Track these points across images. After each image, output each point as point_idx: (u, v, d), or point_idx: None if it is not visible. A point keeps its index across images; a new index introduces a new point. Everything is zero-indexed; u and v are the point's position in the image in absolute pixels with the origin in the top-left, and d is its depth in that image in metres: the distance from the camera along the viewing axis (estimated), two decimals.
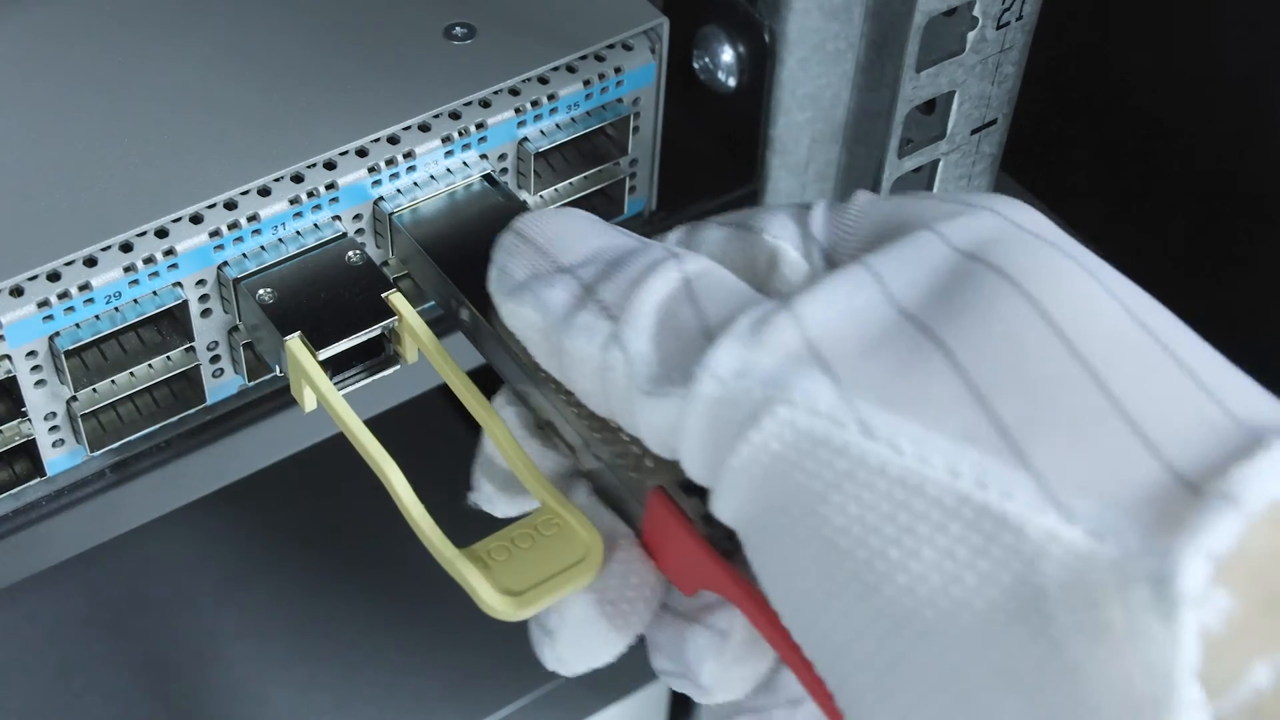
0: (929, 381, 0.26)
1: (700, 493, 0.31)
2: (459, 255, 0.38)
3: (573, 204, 0.42)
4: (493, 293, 0.33)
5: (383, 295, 0.37)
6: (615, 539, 0.33)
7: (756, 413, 0.27)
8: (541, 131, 0.40)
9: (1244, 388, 0.27)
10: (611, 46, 0.40)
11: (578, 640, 0.33)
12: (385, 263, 0.39)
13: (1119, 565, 0.24)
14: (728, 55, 0.44)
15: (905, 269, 0.28)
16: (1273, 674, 0.23)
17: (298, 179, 0.37)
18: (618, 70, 0.41)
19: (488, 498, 0.36)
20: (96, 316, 0.36)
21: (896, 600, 0.26)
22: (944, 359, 0.27)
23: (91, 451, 0.38)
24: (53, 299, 0.35)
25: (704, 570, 0.31)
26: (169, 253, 0.36)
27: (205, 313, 0.37)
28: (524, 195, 0.39)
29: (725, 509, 0.28)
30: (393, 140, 0.38)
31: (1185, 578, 0.23)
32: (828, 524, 0.26)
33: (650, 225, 0.44)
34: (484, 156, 0.39)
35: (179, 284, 0.36)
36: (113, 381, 0.37)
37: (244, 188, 0.37)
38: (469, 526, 0.34)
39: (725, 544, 0.31)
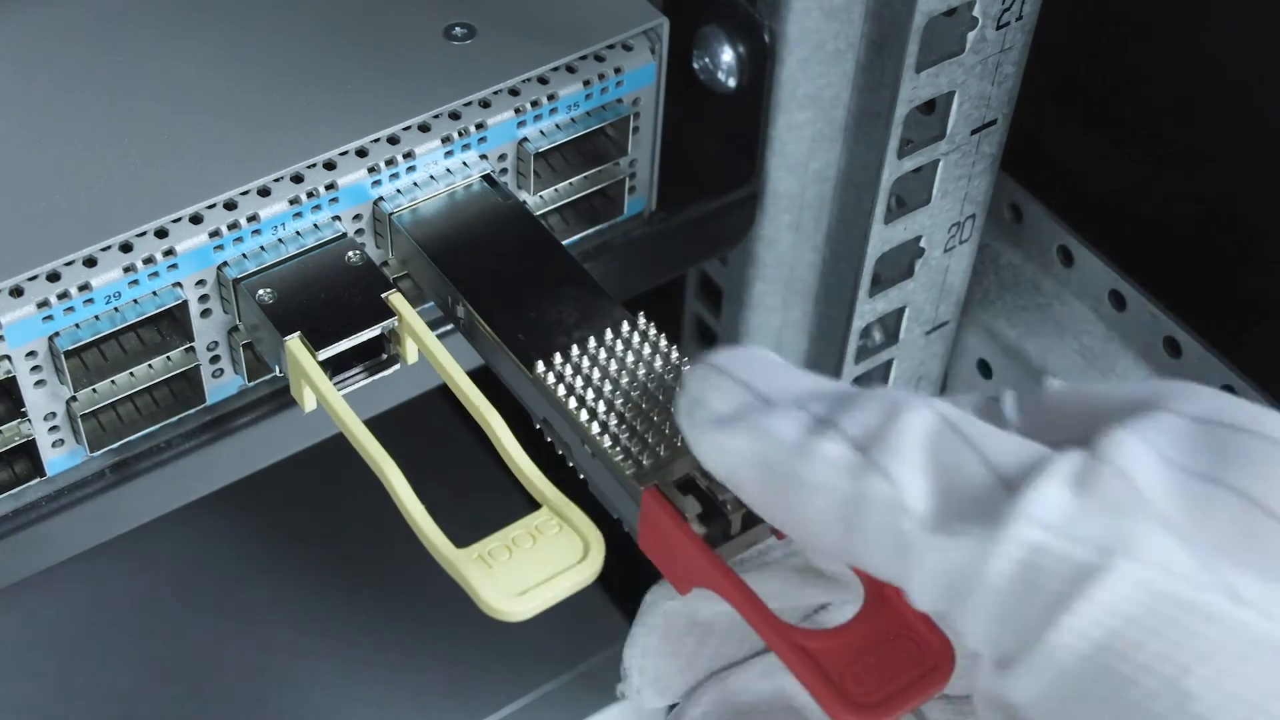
0: (1246, 530, 0.24)
1: (695, 491, 0.31)
2: (458, 255, 0.38)
3: (572, 204, 0.42)
4: (688, 425, 0.29)
5: (382, 295, 0.37)
6: None
7: (1090, 574, 0.24)
8: (541, 132, 0.40)
9: None
10: (611, 47, 0.40)
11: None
12: (385, 263, 0.39)
13: None
14: (728, 55, 0.44)
15: (1162, 434, 0.26)
16: None
17: (297, 179, 0.37)
18: (617, 70, 0.41)
19: (635, 690, 0.33)
20: (96, 317, 0.36)
21: None
22: (1265, 515, 0.24)
23: (91, 451, 0.38)
24: (52, 299, 0.35)
25: (700, 570, 0.31)
26: (169, 253, 0.36)
27: (205, 313, 0.37)
28: (524, 195, 0.39)
29: (1029, 685, 0.25)
30: (392, 140, 0.38)
31: None
32: (1196, 701, 0.23)
33: (650, 225, 0.44)
34: (484, 157, 0.39)
35: (179, 284, 0.36)
36: (112, 382, 0.37)
37: (244, 188, 0.37)
38: (469, 526, 0.34)
39: (719, 540, 0.30)
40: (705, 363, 0.29)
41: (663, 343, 0.34)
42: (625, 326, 0.34)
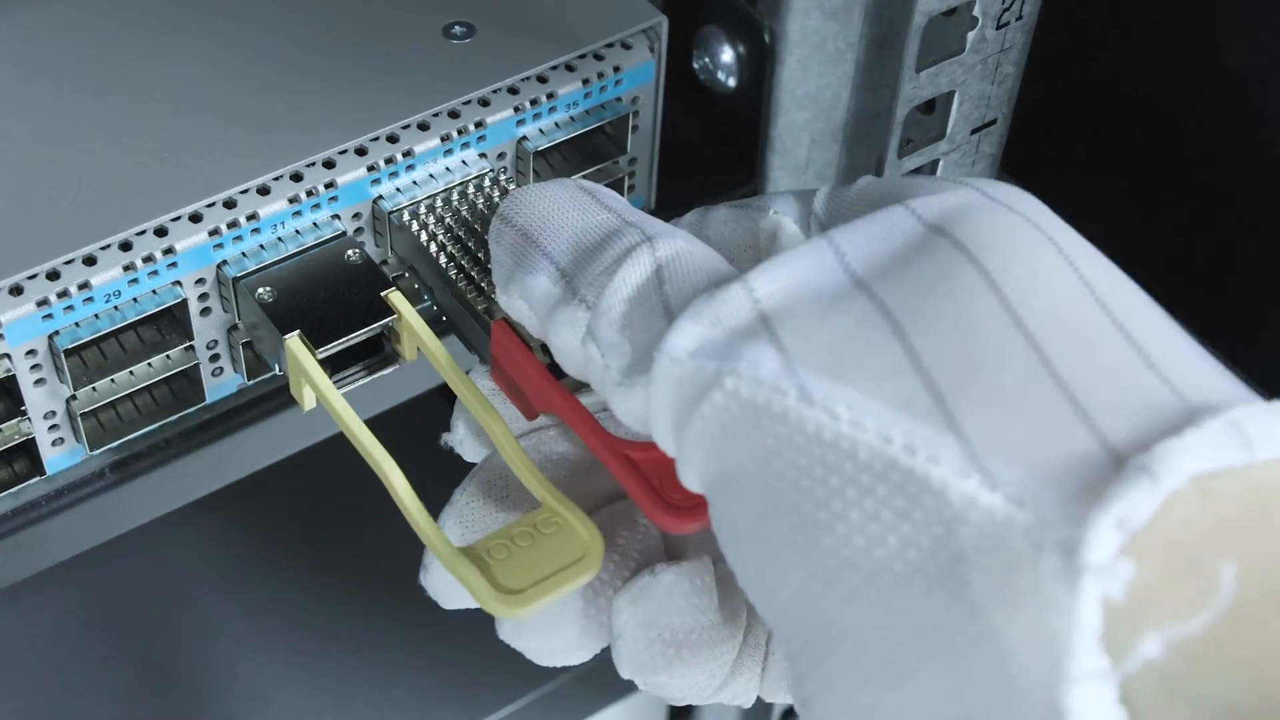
0: (872, 350, 0.27)
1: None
2: None
3: None
4: (495, 283, 0.34)
5: (382, 294, 0.37)
6: None
7: (708, 386, 0.28)
8: (540, 130, 0.40)
9: (1200, 369, 0.27)
10: (610, 45, 0.40)
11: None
12: (384, 261, 0.39)
13: (1034, 531, 0.24)
14: (728, 55, 0.44)
15: (869, 241, 0.29)
16: (1162, 645, 0.24)
17: (297, 178, 0.37)
18: (616, 69, 0.41)
19: (459, 440, 0.37)
20: (96, 315, 0.36)
21: (826, 561, 0.26)
22: (890, 328, 0.27)
23: (91, 450, 0.38)
24: (52, 298, 0.35)
25: (543, 393, 0.34)
26: (168, 251, 0.36)
27: (204, 311, 0.37)
28: None
29: (688, 478, 0.29)
30: (392, 139, 0.38)
31: (1092, 546, 0.23)
32: (768, 488, 0.27)
33: None
34: (483, 155, 0.39)
35: (178, 283, 0.36)
36: (112, 380, 0.37)
37: (243, 187, 0.37)
38: None
39: (561, 372, 0.34)
40: (499, 213, 0.34)
41: None
42: (486, 181, 0.39)
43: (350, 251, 0.38)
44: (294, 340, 0.36)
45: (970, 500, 0.25)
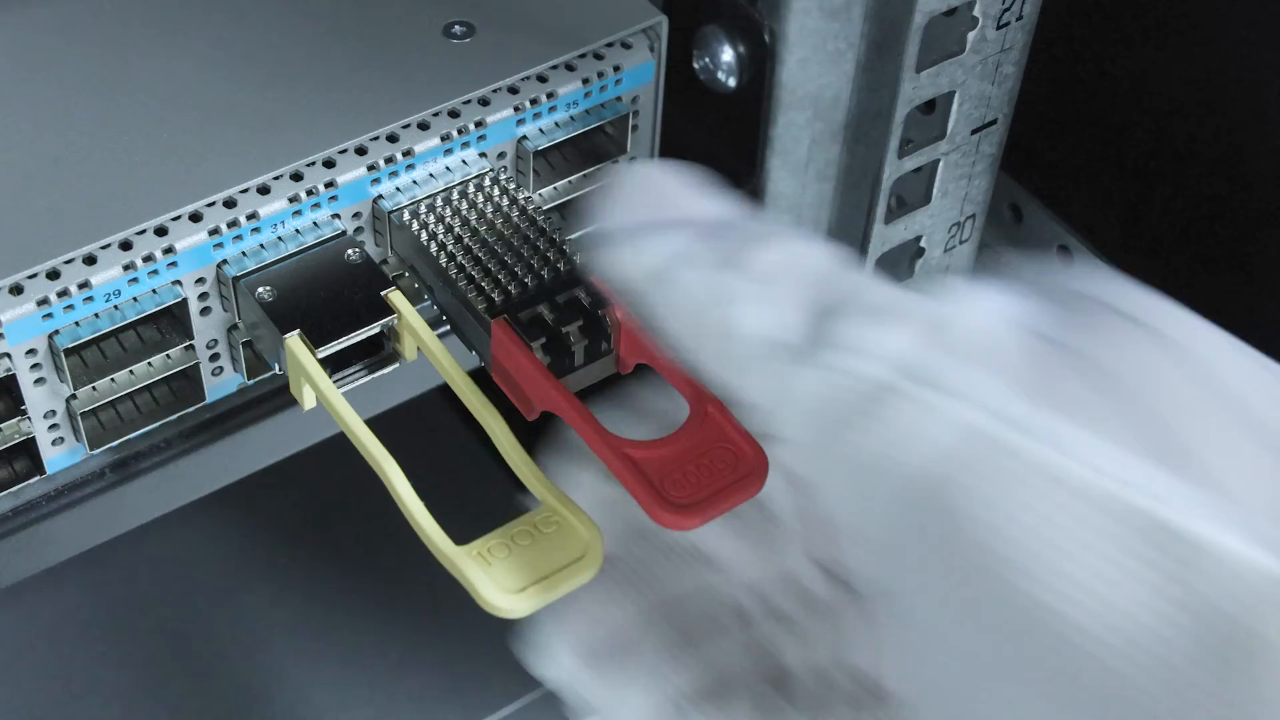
0: (1093, 394, 0.25)
1: (544, 329, 0.35)
2: None
3: (571, 203, 0.42)
4: (590, 243, 0.31)
5: (382, 293, 0.37)
6: None
7: (895, 398, 0.25)
8: (540, 130, 0.40)
9: None
10: (610, 45, 0.41)
11: None
12: (384, 261, 0.39)
13: None
14: (728, 55, 0.44)
15: (1024, 301, 0.27)
16: None
17: (297, 177, 0.37)
18: (616, 69, 0.41)
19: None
20: (96, 315, 0.36)
21: (1053, 609, 0.23)
22: (1105, 375, 0.25)
23: (91, 449, 0.38)
24: (52, 297, 0.35)
25: (543, 392, 0.34)
26: (168, 251, 0.36)
27: (204, 311, 0.37)
28: (523, 194, 0.39)
29: (836, 489, 0.26)
30: (392, 139, 0.38)
31: None
32: (977, 524, 0.24)
33: None
34: (483, 155, 0.39)
35: (178, 282, 0.36)
36: (112, 379, 0.37)
37: (243, 186, 0.37)
38: (469, 525, 0.34)
39: (563, 371, 0.35)
40: (611, 181, 0.31)
41: (521, 195, 0.38)
42: (486, 180, 0.39)
43: (350, 251, 0.38)
44: (294, 339, 0.36)
45: (1240, 557, 0.22)
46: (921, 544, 0.25)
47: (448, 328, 0.38)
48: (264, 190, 0.37)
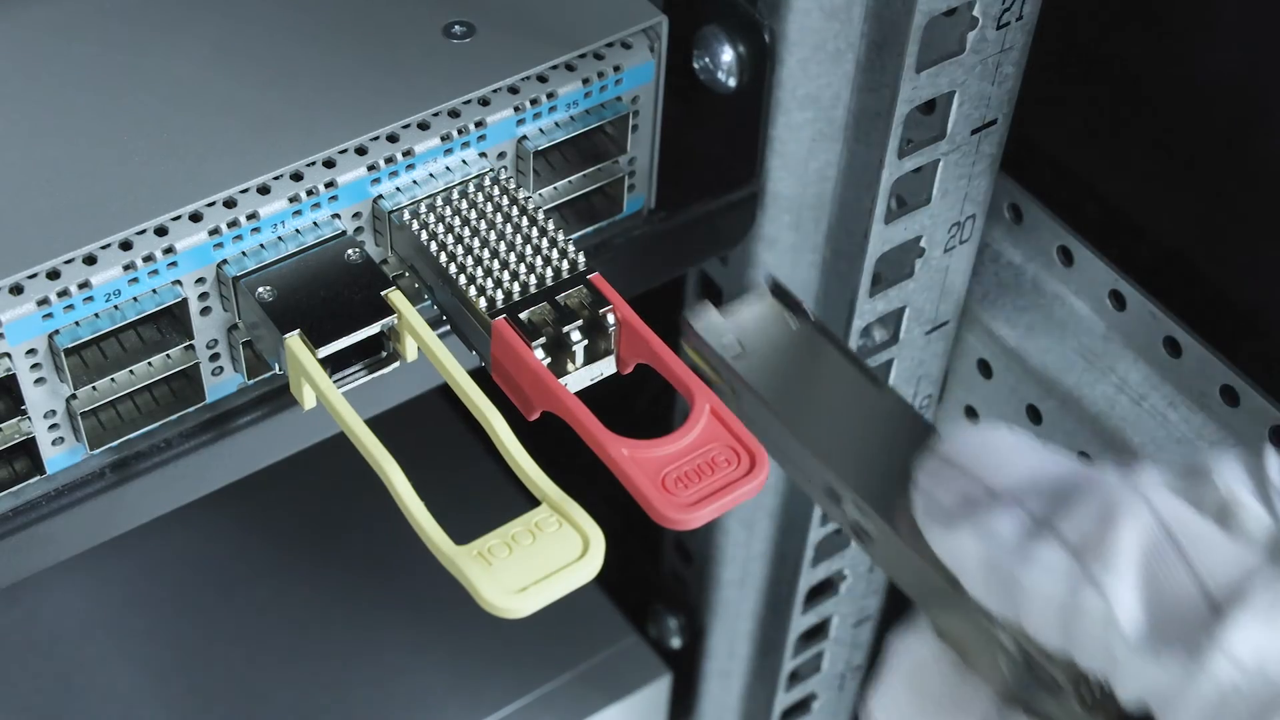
0: None
1: (545, 330, 0.35)
2: None
3: (571, 202, 0.42)
4: (922, 522, 0.31)
5: (382, 293, 0.37)
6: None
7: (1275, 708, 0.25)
8: (540, 130, 0.40)
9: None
10: (610, 45, 0.41)
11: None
12: (384, 261, 0.39)
13: None
14: (728, 55, 0.44)
15: None
16: None
17: (297, 177, 0.37)
18: (616, 69, 0.41)
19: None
20: (96, 314, 0.36)
21: None
22: None
23: (91, 449, 0.38)
24: (52, 297, 0.35)
25: (544, 391, 0.35)
26: (168, 251, 0.36)
27: (205, 311, 0.37)
28: (523, 194, 0.39)
29: None
30: (392, 139, 0.38)
31: None
32: None
33: (650, 224, 0.44)
34: (483, 155, 0.39)
35: (178, 282, 0.36)
36: (112, 379, 0.37)
37: (243, 186, 0.37)
38: (469, 525, 0.34)
39: (563, 371, 0.35)
40: (935, 452, 0.31)
41: (521, 195, 0.38)
42: (486, 180, 0.39)
43: (350, 251, 0.38)
44: (294, 339, 0.36)
45: None
46: None
47: (448, 328, 0.38)
48: (264, 190, 0.37)
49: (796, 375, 0.37)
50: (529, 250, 0.37)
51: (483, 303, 0.36)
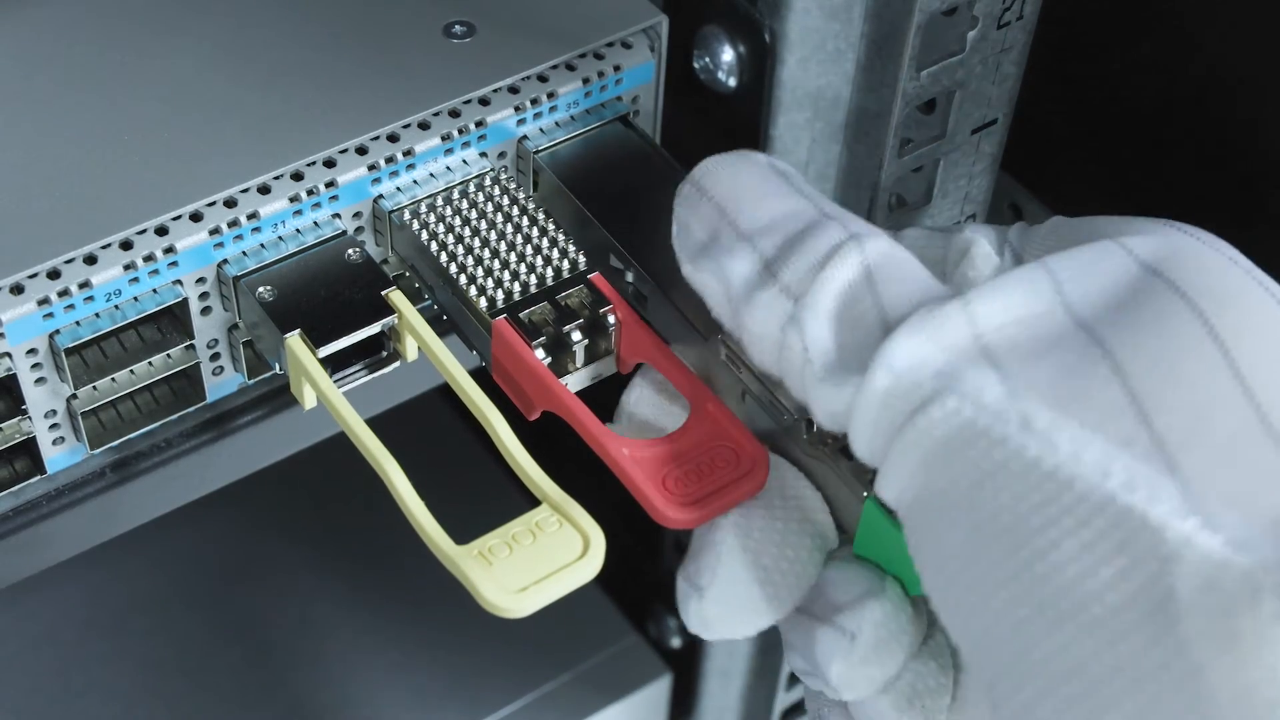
0: (1092, 387, 0.27)
1: (545, 329, 0.35)
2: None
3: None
4: (676, 249, 0.34)
5: (382, 293, 0.37)
6: (778, 486, 0.34)
7: (925, 402, 0.28)
8: (540, 130, 0.40)
9: None
10: (611, 44, 0.41)
11: (727, 600, 0.33)
12: (384, 260, 0.39)
13: (1252, 575, 0.24)
14: (728, 55, 0.44)
15: (1084, 275, 0.30)
16: None
17: (297, 177, 0.37)
18: (617, 69, 0.41)
19: (632, 401, 0.37)
20: (96, 314, 0.36)
21: (1035, 588, 0.27)
22: (1110, 368, 0.28)
23: (91, 449, 0.38)
24: (53, 297, 0.35)
25: (544, 390, 0.35)
26: (169, 250, 0.36)
27: (205, 310, 0.37)
28: (523, 193, 0.39)
29: (888, 489, 0.30)
30: (392, 138, 0.38)
31: None
32: (980, 510, 0.27)
33: None
34: (483, 155, 0.39)
35: (179, 282, 0.36)
36: (113, 379, 0.37)
37: (244, 185, 0.37)
38: (469, 525, 0.34)
39: (563, 371, 0.36)
40: (690, 180, 0.34)
41: (522, 195, 0.38)
42: (487, 179, 0.39)
43: (351, 250, 0.38)
44: (294, 339, 0.36)
45: (1188, 541, 0.25)
46: (940, 523, 0.29)
47: (448, 328, 0.38)
48: (264, 190, 0.37)
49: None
50: (529, 250, 0.37)
51: (483, 302, 0.36)
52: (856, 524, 0.33)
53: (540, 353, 0.35)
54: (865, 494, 0.32)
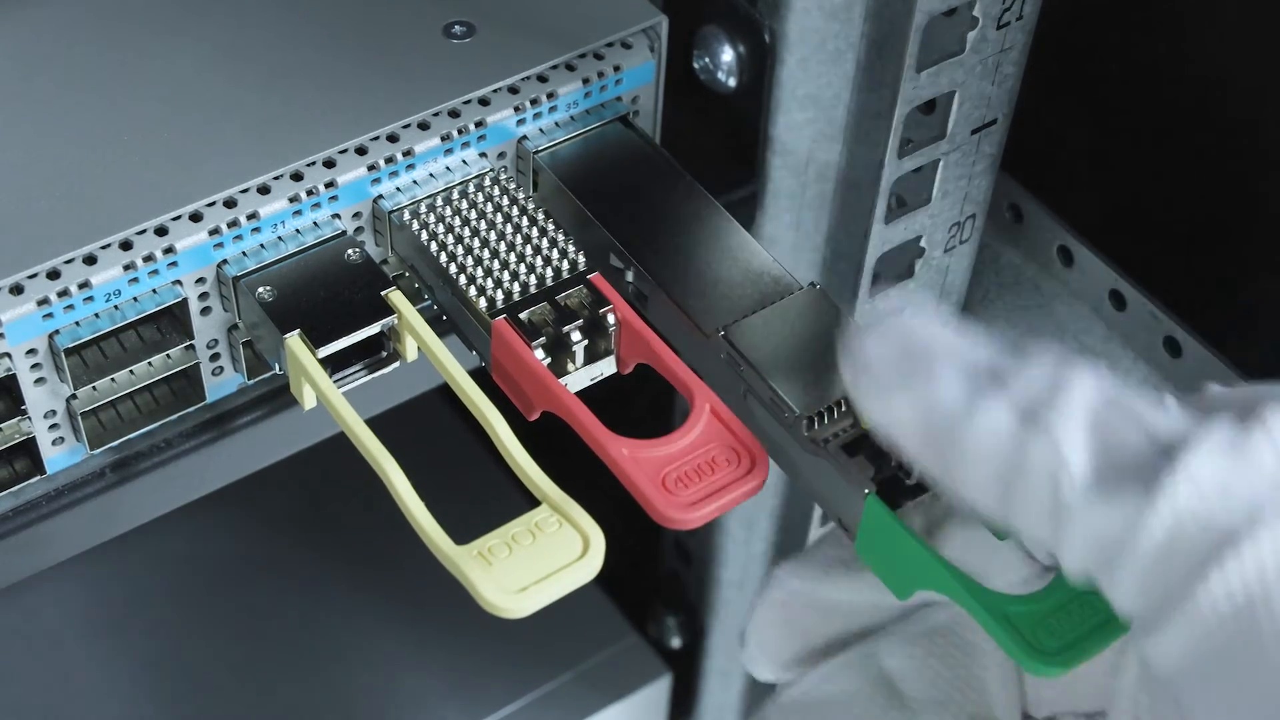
0: None
1: (545, 331, 0.36)
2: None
3: None
4: (852, 385, 0.30)
5: (382, 293, 0.37)
6: None
7: (1236, 537, 0.24)
8: (540, 130, 0.40)
9: None
10: (610, 45, 0.41)
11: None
12: (384, 261, 0.39)
13: None
14: (728, 55, 0.44)
15: None
16: None
17: (297, 177, 0.37)
18: (616, 69, 0.41)
19: (750, 658, 0.36)
20: (96, 314, 0.36)
21: None
22: None
23: (91, 449, 0.38)
24: (52, 297, 0.35)
25: (544, 391, 0.35)
26: (168, 251, 0.36)
27: (205, 311, 0.37)
28: (523, 193, 0.39)
29: (1172, 647, 0.25)
30: (392, 138, 0.38)
31: None
32: None
33: None
34: (483, 155, 0.39)
35: (178, 282, 0.36)
36: (112, 379, 0.37)
37: (243, 186, 0.37)
38: (469, 525, 0.34)
39: (563, 372, 0.36)
40: (867, 329, 0.30)
41: (521, 195, 0.38)
42: (486, 180, 0.39)
43: (350, 251, 0.38)
44: (294, 339, 0.36)
45: None
46: (1240, 685, 0.24)
47: (448, 328, 0.38)
48: (264, 190, 0.37)
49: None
50: (529, 250, 0.37)
51: (483, 303, 0.36)
52: (857, 523, 0.33)
53: (540, 353, 0.35)
54: (866, 491, 0.32)
